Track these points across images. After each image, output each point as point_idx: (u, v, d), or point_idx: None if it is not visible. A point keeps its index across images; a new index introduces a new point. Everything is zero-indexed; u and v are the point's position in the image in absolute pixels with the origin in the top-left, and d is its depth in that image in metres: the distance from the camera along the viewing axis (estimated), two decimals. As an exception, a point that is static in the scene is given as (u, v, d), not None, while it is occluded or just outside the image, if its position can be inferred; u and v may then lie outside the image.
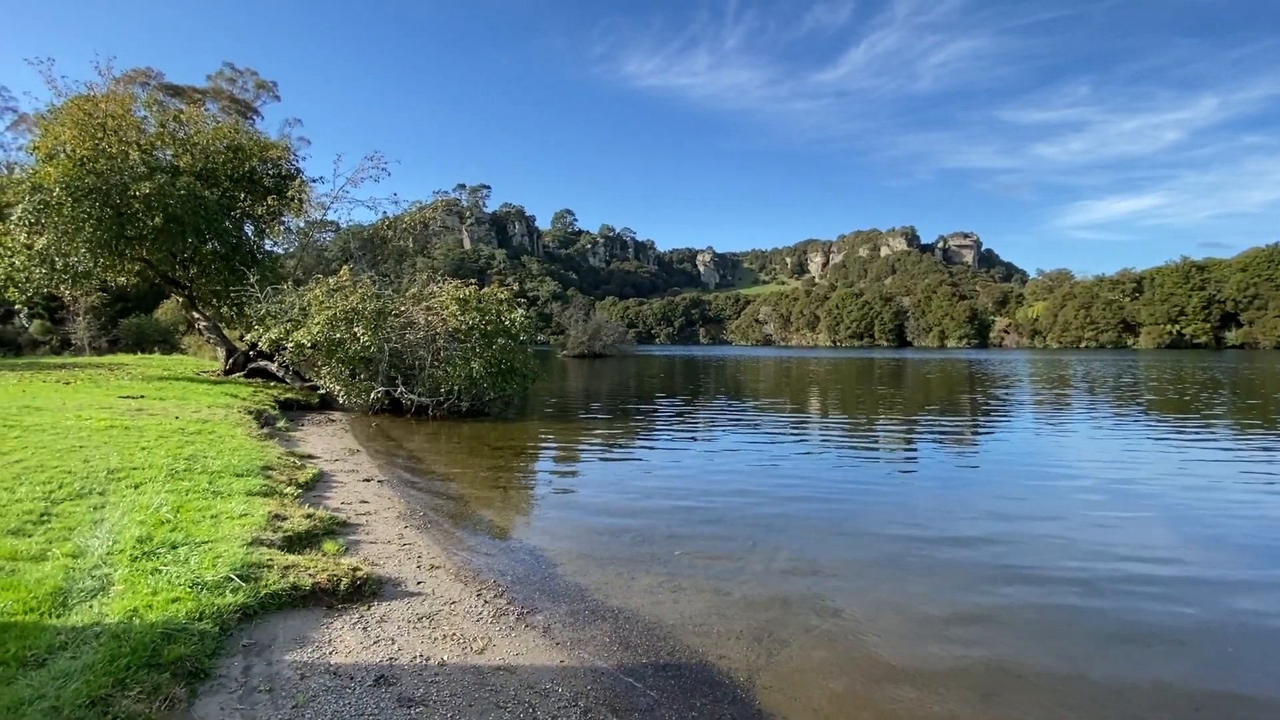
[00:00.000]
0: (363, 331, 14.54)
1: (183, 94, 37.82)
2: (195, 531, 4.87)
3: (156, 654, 3.15)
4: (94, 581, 3.93)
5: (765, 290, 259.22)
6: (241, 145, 19.69)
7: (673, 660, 3.92)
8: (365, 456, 9.96)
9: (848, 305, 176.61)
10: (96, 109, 17.05)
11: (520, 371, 16.16)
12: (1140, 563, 5.70)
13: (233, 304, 18.86)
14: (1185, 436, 13.04)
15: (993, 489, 8.65)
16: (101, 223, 16.59)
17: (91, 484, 5.99)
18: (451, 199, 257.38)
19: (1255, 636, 4.34)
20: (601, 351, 60.66)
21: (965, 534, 6.49)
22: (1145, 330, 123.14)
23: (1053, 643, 4.24)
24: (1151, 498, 8.05)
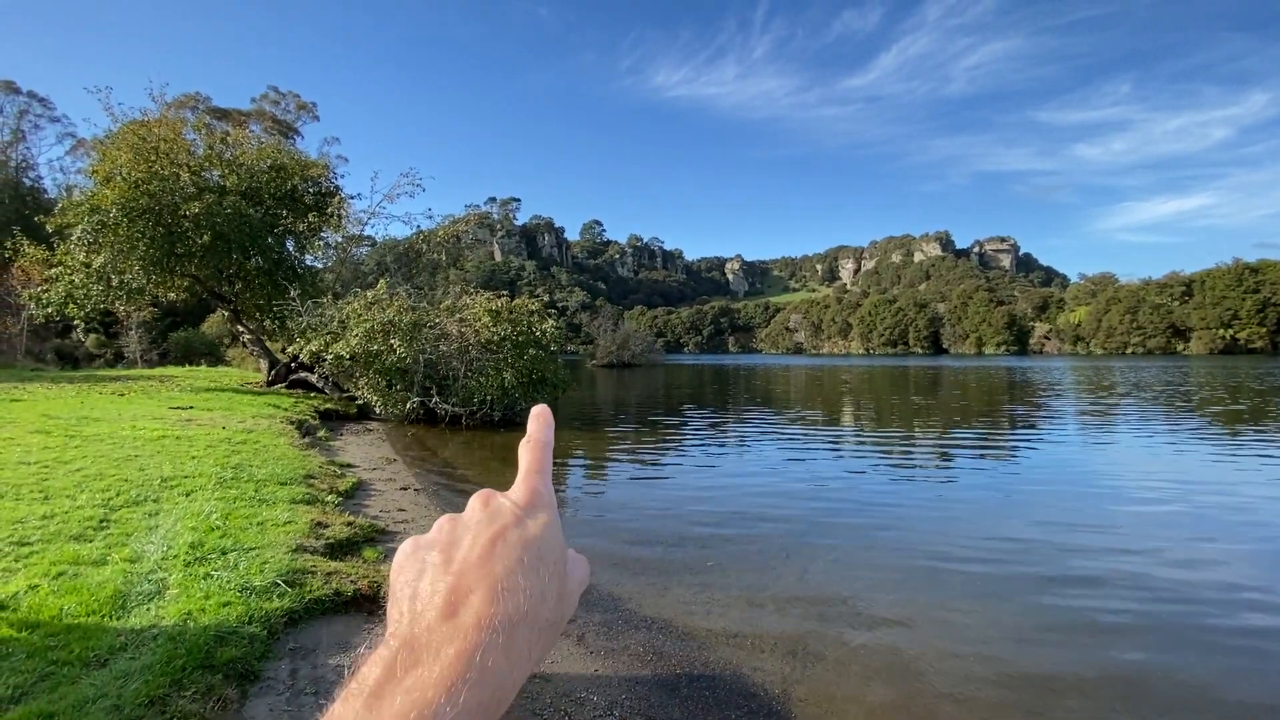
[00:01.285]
0: (399, 343, 14.90)
1: (229, 116, 39.48)
2: (243, 538, 5.05)
3: (210, 656, 3.28)
4: (150, 585, 4.10)
5: (795, 298, 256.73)
6: (284, 165, 20.45)
7: (706, 671, 3.91)
8: (402, 465, 10.17)
9: (881, 312, 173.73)
10: (150, 133, 17.93)
11: (551, 381, 16.34)
12: (1191, 582, 5.47)
13: (275, 317, 19.52)
14: (1238, 448, 12.47)
15: (1035, 503, 8.40)
16: (154, 241, 17.39)
17: (146, 491, 6.26)
18: (483, 212, 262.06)
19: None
20: (630, 361, 60.81)
21: (1006, 549, 6.32)
22: (1196, 335, 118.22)
23: (1098, 659, 4.10)
24: (1208, 516, 7.71)
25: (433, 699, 0.35)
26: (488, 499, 0.48)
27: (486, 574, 0.41)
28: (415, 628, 0.39)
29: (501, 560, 0.42)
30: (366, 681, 0.37)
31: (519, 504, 0.47)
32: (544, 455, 0.52)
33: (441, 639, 0.38)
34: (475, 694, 0.36)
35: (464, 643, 0.38)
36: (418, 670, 0.37)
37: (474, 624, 0.39)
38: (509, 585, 0.41)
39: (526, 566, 0.43)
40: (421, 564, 0.44)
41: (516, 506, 0.47)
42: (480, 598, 0.40)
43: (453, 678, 0.36)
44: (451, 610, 0.39)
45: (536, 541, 0.45)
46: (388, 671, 0.37)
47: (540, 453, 0.52)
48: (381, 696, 0.36)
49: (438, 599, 0.40)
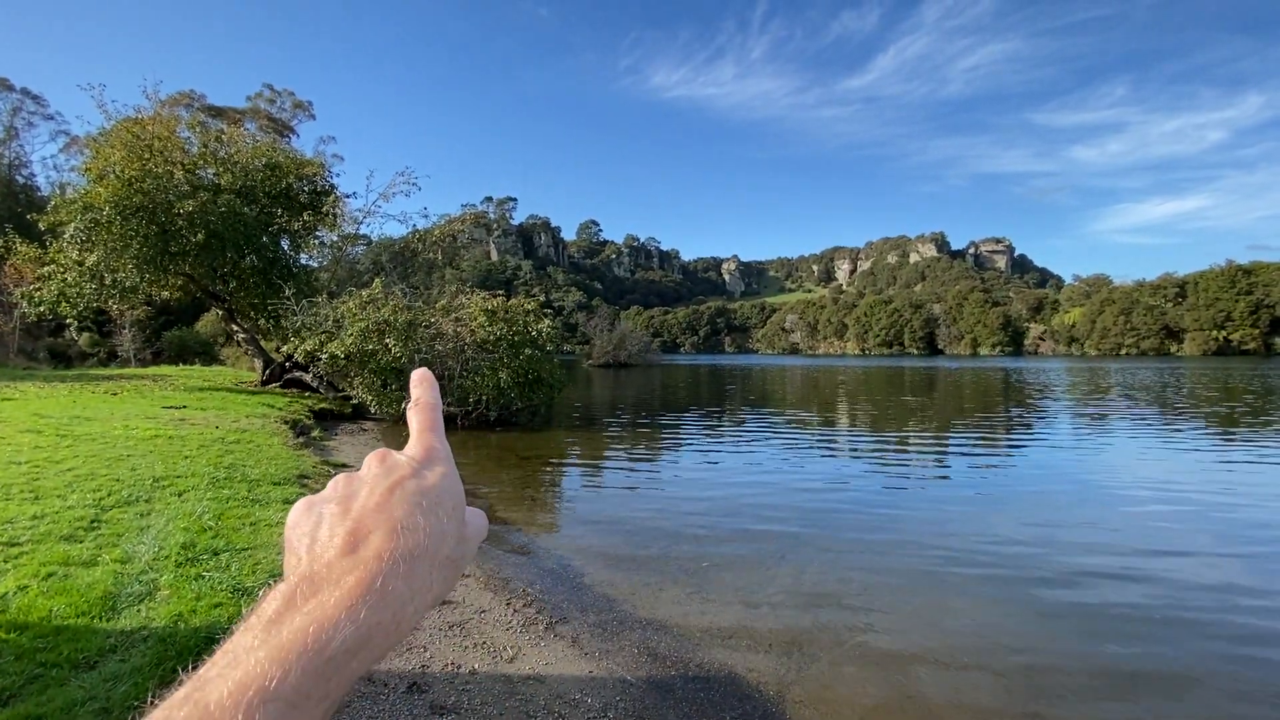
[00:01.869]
0: (394, 343, 14.84)
1: (223, 115, 39.31)
2: (236, 539, 5.02)
3: (200, 658, 3.23)
4: (141, 586, 4.07)
5: (791, 298, 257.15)
6: (279, 163, 20.35)
7: (701, 672, 3.90)
8: (396, 466, 10.12)
9: (876, 313, 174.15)
10: (144, 131, 17.82)
11: (547, 381, 16.30)
12: (1185, 581, 5.49)
13: (269, 316, 19.43)
14: (1234, 450, 12.54)
15: (1029, 504, 8.43)
16: (148, 240, 17.28)
17: (138, 492, 6.22)
18: (479, 212, 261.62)
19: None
20: (626, 361, 60.77)
21: (1000, 549, 6.33)
22: (1190, 337, 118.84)
23: (1091, 661, 4.11)
24: (1198, 515, 7.75)
25: (332, 615, 0.36)
26: (384, 456, 0.50)
27: (386, 517, 0.43)
28: (315, 565, 0.40)
29: (400, 505, 0.44)
30: (265, 612, 0.38)
31: (415, 458, 0.49)
32: (433, 415, 0.55)
33: (342, 570, 0.39)
34: (374, 615, 0.37)
35: (364, 571, 0.39)
36: (318, 597, 0.38)
37: (374, 556, 0.40)
38: (409, 524, 0.43)
39: (425, 509, 0.44)
40: (318, 516, 0.45)
41: (413, 460, 0.49)
42: (380, 536, 0.41)
43: (354, 599, 0.37)
44: (351, 548, 0.41)
45: (434, 490, 0.46)
46: (287, 602, 0.38)
47: (429, 413, 0.55)
48: (279, 622, 0.36)
49: (337, 540, 0.42)
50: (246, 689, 0.33)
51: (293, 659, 0.34)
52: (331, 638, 0.36)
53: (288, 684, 0.34)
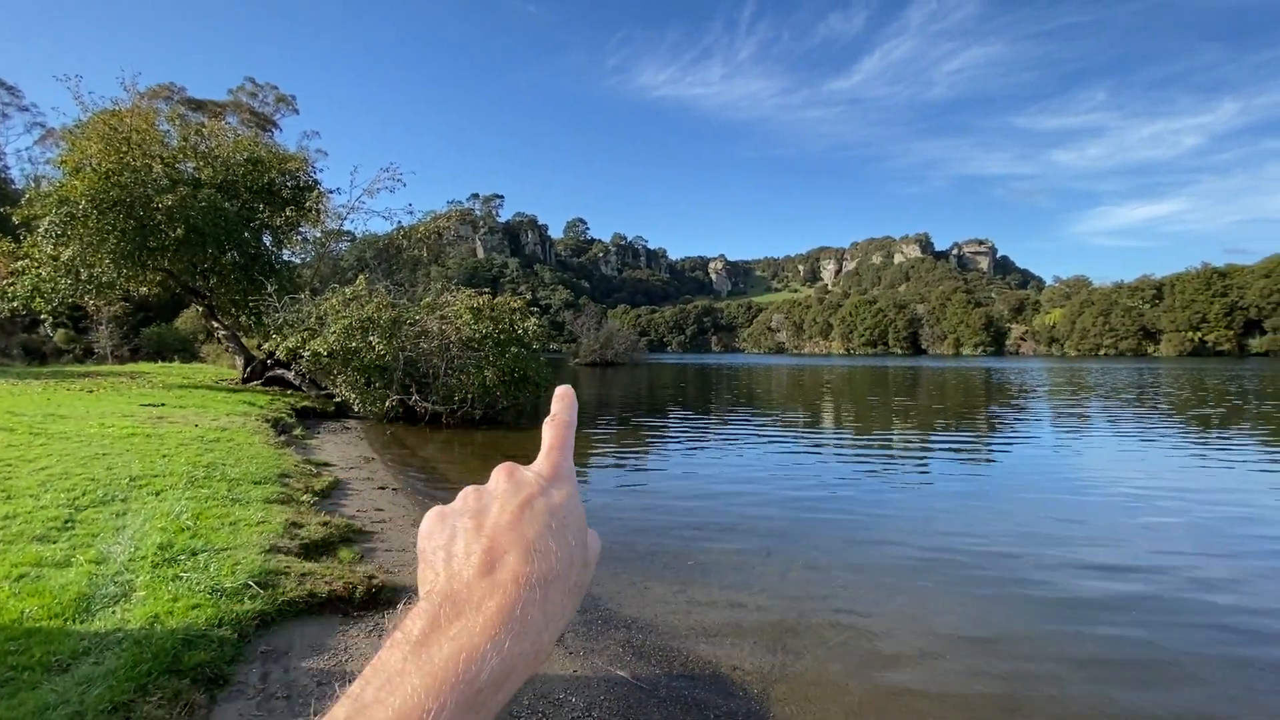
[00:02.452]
0: (378, 340, 14.70)
1: (204, 108, 38.67)
2: (214, 539, 4.94)
3: (177, 660, 3.20)
4: (116, 588, 3.99)
5: (778, 298, 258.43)
6: (261, 158, 20.07)
7: (686, 670, 3.90)
8: (380, 464, 10.04)
9: (861, 313, 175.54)
10: (122, 123, 17.48)
11: (533, 380, 16.23)
12: (1163, 581, 5.59)
13: (251, 313, 19.17)
14: (1209, 448, 12.80)
15: (1012, 502, 8.54)
16: (125, 234, 16.95)
17: (114, 491, 6.10)
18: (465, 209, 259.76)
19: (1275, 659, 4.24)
20: (613, 360, 60.72)
21: (984, 548, 6.40)
22: (1166, 338, 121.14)
23: (1071, 659, 4.17)
24: (1176, 512, 7.90)
25: (479, 644, 0.37)
26: (511, 471, 0.50)
27: (519, 537, 0.43)
28: (454, 584, 0.41)
29: (531, 525, 0.44)
30: (412, 631, 0.38)
31: (543, 475, 0.49)
32: (566, 433, 0.54)
33: (482, 593, 0.39)
34: (517, 645, 0.38)
35: (504, 597, 0.39)
36: (461, 620, 0.38)
37: (511, 580, 0.40)
38: (540, 547, 0.43)
39: (554, 531, 0.44)
40: (452, 529, 0.45)
41: (540, 477, 0.49)
42: (515, 557, 0.42)
43: (496, 627, 0.37)
44: (488, 568, 0.41)
45: (561, 510, 0.46)
46: (432, 622, 0.38)
47: (563, 431, 0.54)
48: (428, 644, 0.37)
49: (474, 558, 0.42)
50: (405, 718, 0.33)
51: (447, 690, 0.35)
52: (480, 669, 0.36)
53: (444, 718, 0.34)
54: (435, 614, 0.38)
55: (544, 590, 0.40)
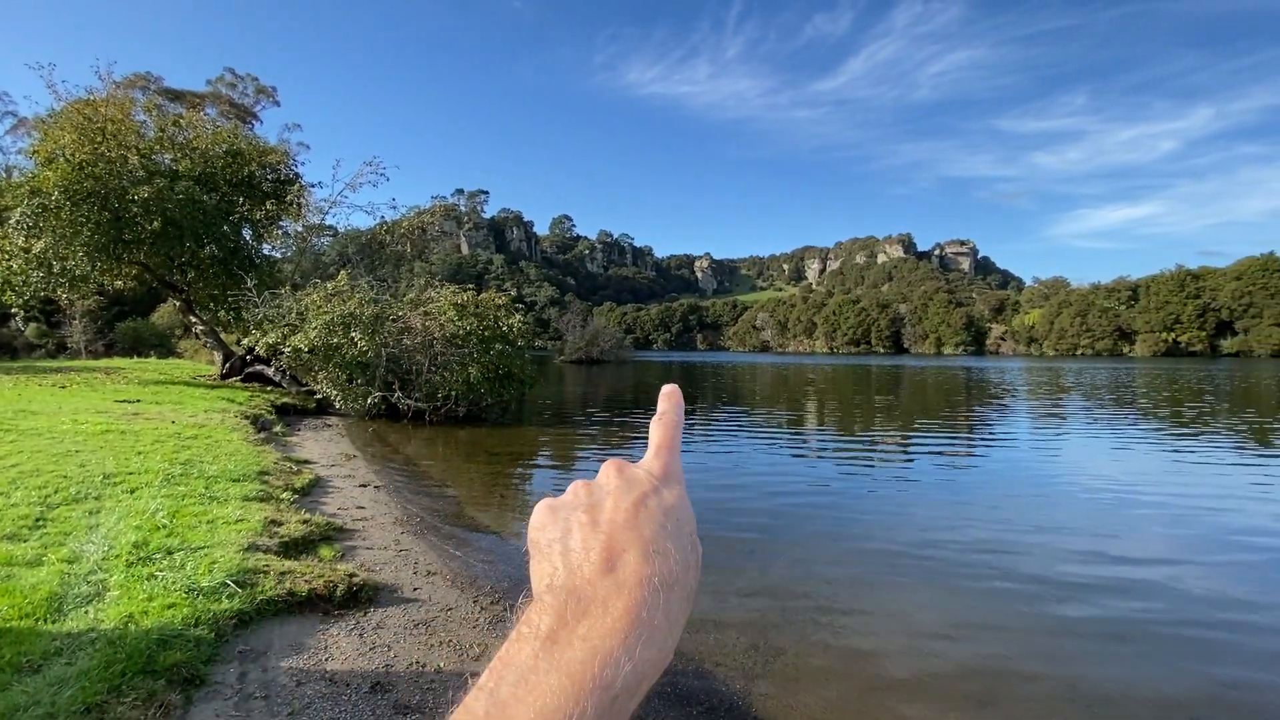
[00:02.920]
0: (360, 336, 14.54)
1: (182, 98, 37.89)
2: (191, 537, 4.86)
3: (152, 660, 3.15)
4: (89, 587, 3.92)
5: (762, 297, 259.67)
6: (240, 150, 19.73)
7: (671, 666, 3.91)
8: (362, 462, 9.95)
9: (845, 312, 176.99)
10: (96, 113, 17.10)
11: (517, 377, 16.17)
12: (1136, 570, 5.71)
13: (230, 308, 18.86)
14: (1182, 446, 13.09)
15: (990, 498, 8.67)
16: (99, 227, 16.59)
17: (87, 489, 5.97)
18: (450, 204, 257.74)
19: (1248, 646, 4.35)
20: (599, 357, 60.63)
21: (963, 543, 6.50)
22: (1141, 338, 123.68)
23: (1048, 651, 4.25)
24: (1149, 507, 8.07)
25: (612, 648, 0.36)
26: (621, 467, 0.49)
27: (637, 536, 0.42)
28: (575, 579, 0.40)
29: (648, 524, 0.43)
30: (539, 626, 0.37)
31: (654, 474, 0.48)
32: (675, 433, 0.53)
33: (606, 592, 0.38)
34: (646, 651, 0.37)
35: (629, 598, 0.38)
36: (588, 620, 0.37)
37: (634, 581, 0.39)
38: (658, 548, 0.41)
39: (669, 533, 0.43)
40: (566, 523, 0.44)
41: (653, 476, 0.48)
42: (634, 557, 0.40)
43: (625, 631, 0.37)
44: (609, 566, 0.40)
45: (675, 511, 0.45)
46: (559, 619, 0.37)
47: (672, 430, 0.53)
48: (557, 641, 0.36)
49: (593, 555, 0.41)
50: None
51: (586, 694, 0.34)
52: (616, 674, 0.35)
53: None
54: (561, 610, 0.38)
55: (666, 594, 0.39)
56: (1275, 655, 4.22)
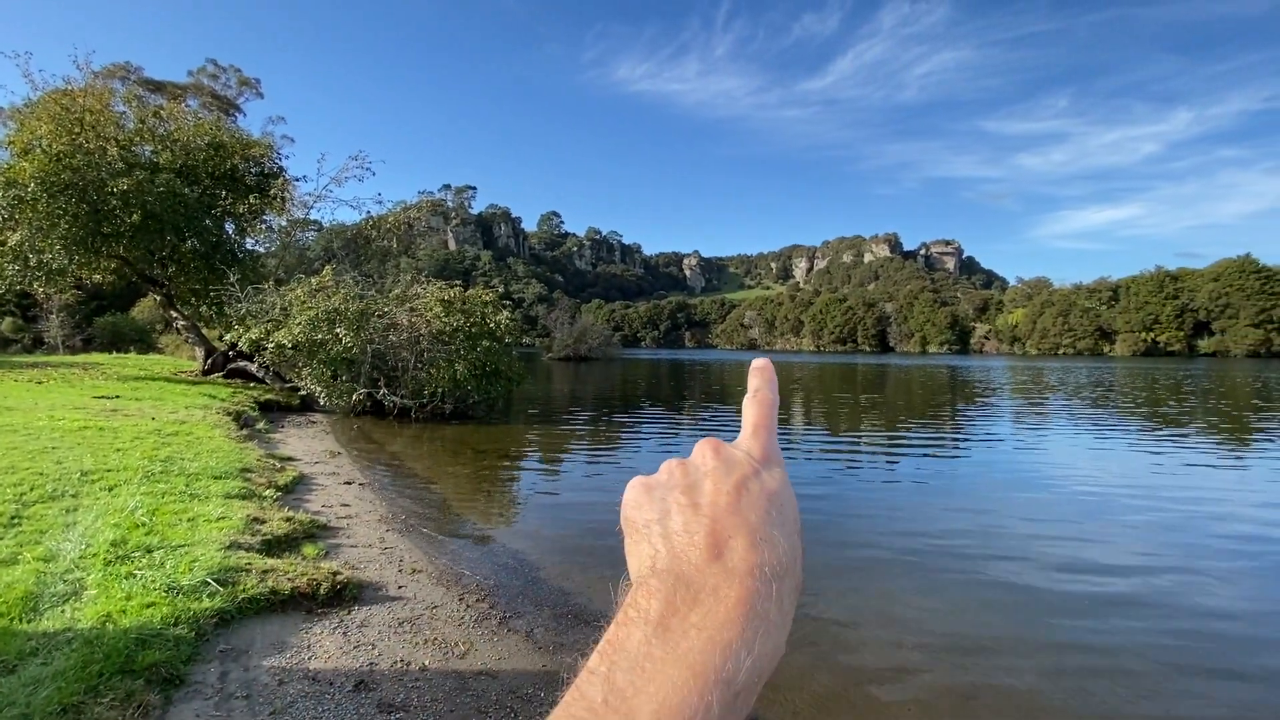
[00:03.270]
0: (345, 332, 14.40)
1: (163, 89, 37.24)
2: (171, 535, 4.79)
3: (130, 660, 3.10)
4: (66, 586, 3.85)
5: (750, 295, 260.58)
6: (223, 142, 19.43)
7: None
8: (346, 459, 9.86)
9: (831, 310, 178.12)
10: (74, 103, 16.76)
11: (505, 374, 16.10)
12: (1117, 572, 5.81)
13: (212, 303, 18.59)
14: (1161, 445, 13.33)
15: (974, 496, 8.77)
16: (77, 219, 16.28)
17: (64, 486, 5.87)
18: (437, 199, 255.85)
19: (1226, 642, 4.45)
20: (587, 355, 60.54)
21: (947, 540, 6.57)
22: (1121, 338, 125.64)
23: (1030, 647, 4.31)
24: (1130, 505, 8.20)
25: (730, 639, 0.34)
26: (718, 447, 0.45)
27: (742, 521, 0.39)
28: (681, 565, 0.37)
29: (752, 509, 0.40)
30: (648, 611, 0.35)
31: (754, 456, 0.45)
32: (771, 412, 0.50)
33: (716, 580, 0.36)
34: (764, 645, 0.35)
35: (742, 588, 0.36)
36: (700, 608, 0.35)
37: (745, 570, 0.37)
38: (765, 536, 0.39)
39: (775, 520, 0.40)
40: (664, 503, 0.42)
41: (752, 458, 0.45)
42: (742, 544, 0.38)
43: (742, 622, 0.34)
44: (716, 552, 0.38)
45: (779, 496, 0.42)
46: (668, 604, 0.35)
47: (768, 409, 0.50)
48: (669, 628, 0.34)
49: (698, 539, 0.38)
50: (676, 717, 0.31)
51: (709, 688, 0.32)
52: (737, 669, 0.33)
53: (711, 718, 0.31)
54: (670, 596, 0.36)
55: (778, 584, 0.37)
56: (1248, 644, 4.31)
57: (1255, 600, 5.13)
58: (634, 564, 0.41)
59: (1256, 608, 4.96)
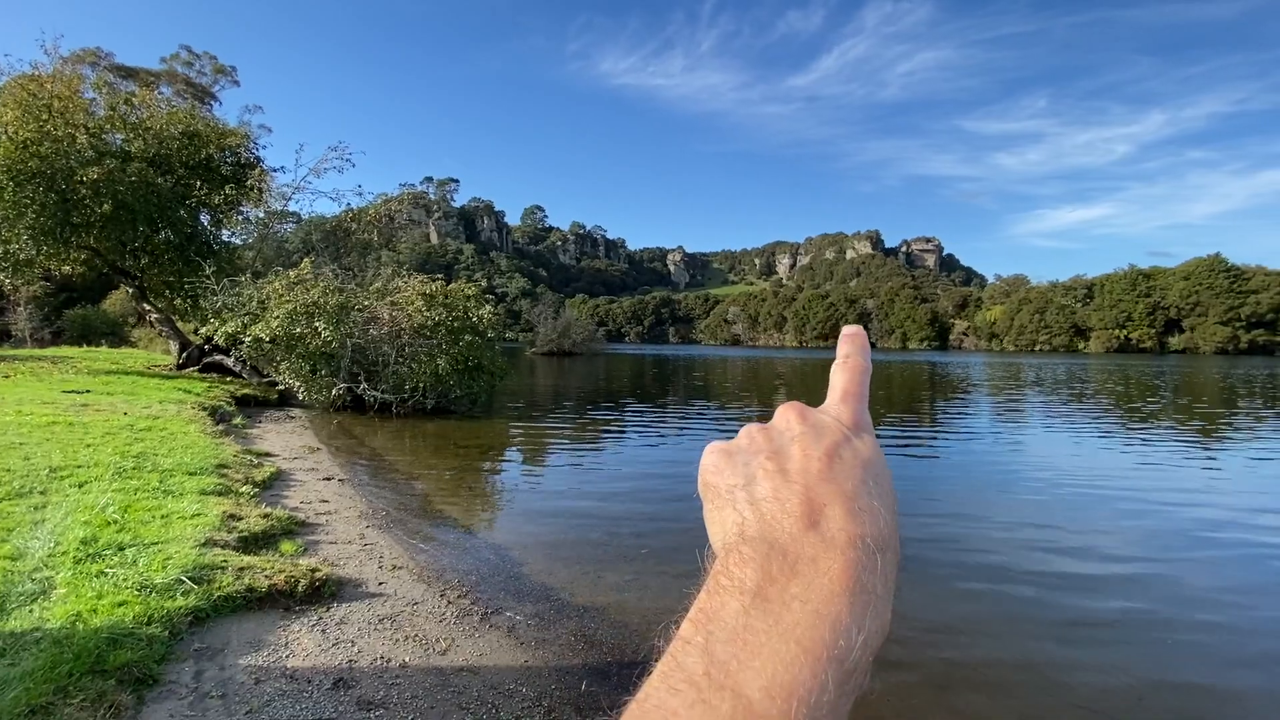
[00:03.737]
0: (324, 326, 14.19)
1: (135, 76, 36.32)
2: (144, 532, 4.70)
3: (101, 660, 3.03)
4: (34, 585, 3.75)
5: (734, 291, 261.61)
6: (198, 131, 18.99)
7: (638, 657, 3.93)
8: (326, 455, 9.73)
9: (814, 307, 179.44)
10: (42, 89, 16.27)
11: (487, 369, 15.99)
12: (1089, 559, 5.94)
13: (187, 296, 18.20)
14: (1134, 439, 13.64)
15: (950, 488, 8.90)
16: (45, 209, 15.83)
17: (31, 483, 5.72)
18: (418, 192, 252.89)
19: (1195, 628, 4.57)
20: (571, 350, 60.39)
21: (923, 531, 6.66)
22: (1095, 335, 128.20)
23: (1004, 636, 4.40)
24: (1104, 496, 8.38)
25: (839, 615, 0.31)
26: (804, 411, 0.43)
27: (837, 490, 0.37)
28: (774, 532, 0.35)
29: (846, 478, 0.37)
30: (742, 580, 0.33)
31: (844, 421, 0.42)
32: (863, 378, 0.46)
33: (815, 550, 0.34)
34: (874, 622, 0.32)
35: (845, 559, 0.33)
36: (800, 580, 0.33)
37: (845, 540, 0.34)
38: (862, 505, 0.36)
39: (871, 490, 0.38)
40: (748, 468, 0.39)
41: (842, 424, 0.42)
42: (839, 513, 0.35)
43: (849, 596, 0.32)
44: (811, 521, 0.35)
45: (873, 465, 0.40)
46: (764, 573, 0.33)
47: (858, 375, 0.46)
48: (769, 599, 0.32)
49: (791, 506, 0.36)
50: (790, 696, 0.29)
51: (823, 665, 0.30)
52: (849, 646, 0.31)
53: (825, 700, 0.29)
54: (765, 564, 0.33)
55: (881, 558, 0.34)
56: (1214, 626, 4.44)
57: (1232, 590, 5.27)
58: (716, 531, 0.39)
59: (1235, 598, 5.11)
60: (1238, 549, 6.28)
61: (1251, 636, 4.45)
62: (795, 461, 0.39)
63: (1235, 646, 4.31)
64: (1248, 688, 3.81)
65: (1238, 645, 4.33)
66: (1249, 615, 4.78)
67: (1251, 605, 4.95)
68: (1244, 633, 4.51)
